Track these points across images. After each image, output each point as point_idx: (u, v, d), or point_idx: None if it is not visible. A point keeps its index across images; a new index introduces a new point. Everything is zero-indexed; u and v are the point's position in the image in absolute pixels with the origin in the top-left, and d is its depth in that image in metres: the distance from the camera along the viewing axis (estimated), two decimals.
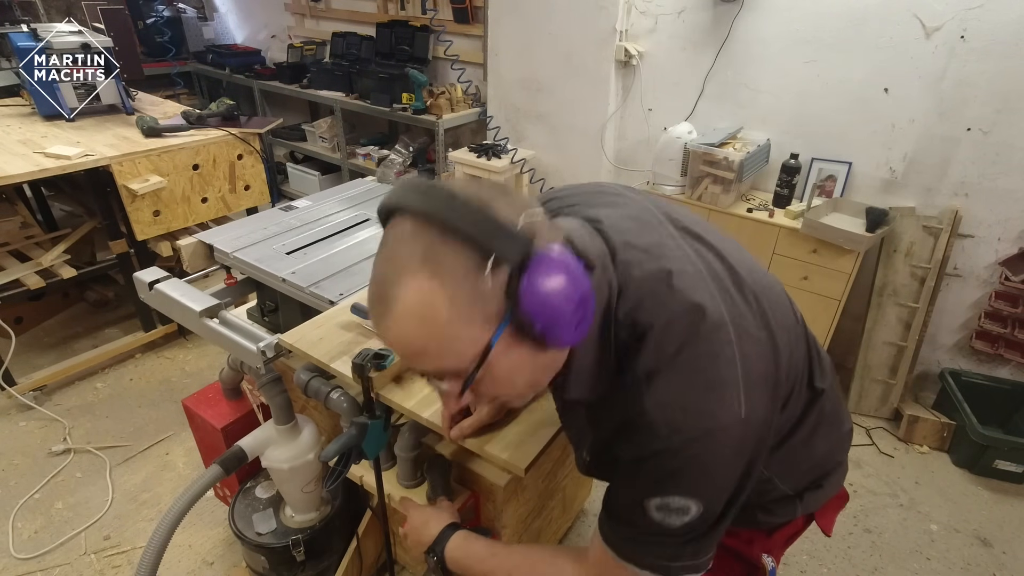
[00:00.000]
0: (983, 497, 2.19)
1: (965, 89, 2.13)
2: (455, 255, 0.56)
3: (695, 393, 0.62)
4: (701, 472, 0.64)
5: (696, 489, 0.64)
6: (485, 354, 0.59)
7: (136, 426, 2.35)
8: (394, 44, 3.72)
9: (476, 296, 0.57)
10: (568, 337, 0.60)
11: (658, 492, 0.65)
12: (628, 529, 0.70)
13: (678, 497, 0.64)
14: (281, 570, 1.55)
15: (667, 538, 0.68)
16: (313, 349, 1.18)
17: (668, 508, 0.65)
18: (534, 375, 0.67)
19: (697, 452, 0.62)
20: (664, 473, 0.65)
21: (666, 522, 0.66)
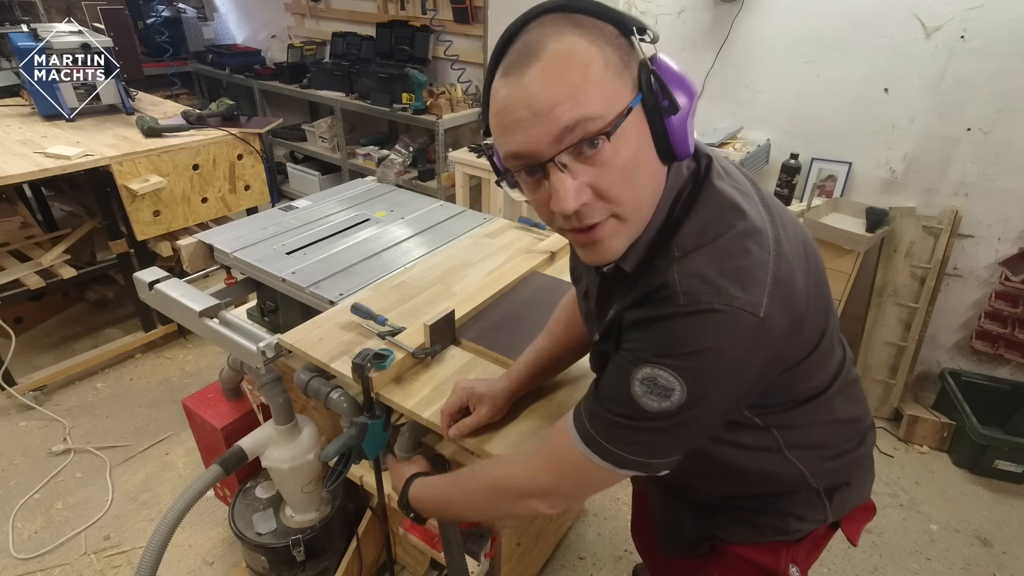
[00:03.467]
0: (983, 497, 2.19)
1: (965, 89, 2.13)
2: (602, 27, 0.60)
3: (722, 273, 0.62)
4: (700, 351, 0.61)
5: (687, 369, 0.62)
6: (626, 113, 0.60)
7: (136, 426, 2.35)
8: (394, 44, 3.72)
9: (622, 57, 0.60)
10: (683, 139, 0.63)
11: (650, 360, 0.63)
12: (599, 408, 0.70)
13: (667, 373, 0.62)
14: (281, 570, 1.55)
15: (634, 422, 0.67)
16: (313, 349, 1.18)
17: (652, 383, 0.63)
18: (647, 176, 0.65)
19: (705, 326, 0.61)
20: (664, 340, 0.63)
21: (643, 401, 0.64)
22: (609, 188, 0.62)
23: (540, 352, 1.07)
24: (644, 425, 0.66)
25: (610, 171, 0.61)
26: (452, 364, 1.17)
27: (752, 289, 0.61)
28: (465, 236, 1.70)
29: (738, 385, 0.66)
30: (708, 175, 0.70)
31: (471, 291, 1.36)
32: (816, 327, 0.72)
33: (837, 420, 0.86)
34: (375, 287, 1.42)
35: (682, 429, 0.67)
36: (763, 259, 0.63)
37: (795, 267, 0.67)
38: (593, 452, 0.71)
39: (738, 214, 0.66)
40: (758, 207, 0.69)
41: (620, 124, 0.59)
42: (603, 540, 1.97)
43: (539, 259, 1.51)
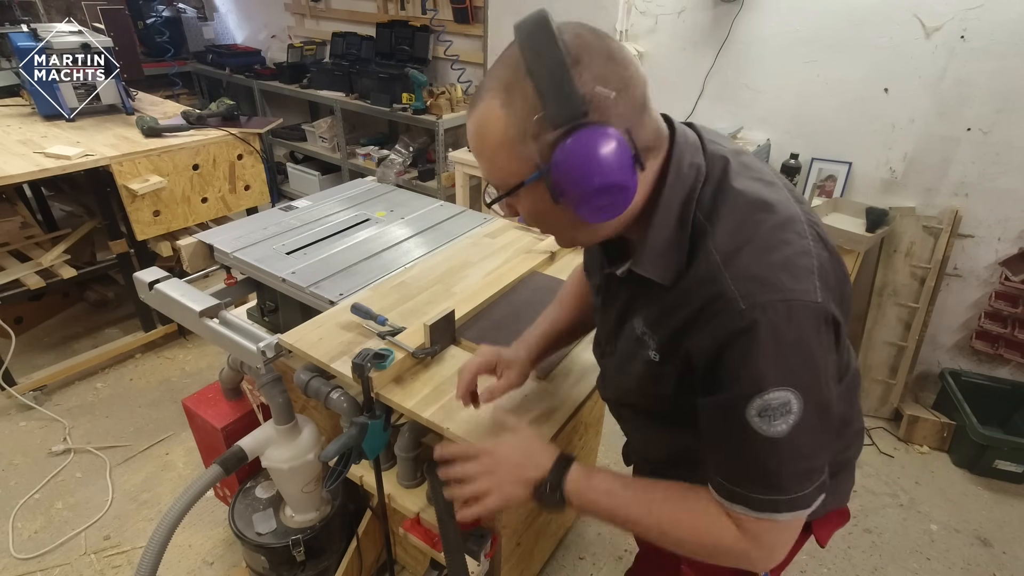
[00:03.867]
0: (983, 497, 2.19)
1: (965, 89, 2.13)
2: (524, 95, 0.63)
3: (771, 268, 0.63)
4: (787, 350, 0.62)
5: (788, 373, 0.62)
6: (517, 187, 0.67)
7: (136, 426, 2.35)
8: (394, 44, 3.72)
9: (524, 137, 0.64)
10: (588, 215, 0.65)
11: (752, 390, 0.63)
12: (745, 468, 0.67)
13: (773, 391, 0.62)
14: (281, 570, 1.54)
15: (780, 457, 0.64)
16: (313, 349, 1.18)
17: (768, 408, 0.62)
18: (566, 230, 0.73)
19: (776, 324, 0.61)
20: (750, 358, 0.62)
21: (772, 431, 0.63)
22: (526, 220, 0.74)
23: (554, 323, 1.08)
24: (792, 452, 0.64)
25: (521, 211, 0.72)
26: (452, 364, 1.17)
27: (802, 277, 0.63)
28: (465, 236, 1.70)
29: (831, 366, 0.66)
30: (725, 177, 0.70)
31: (471, 291, 1.36)
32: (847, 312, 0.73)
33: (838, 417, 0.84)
34: (375, 287, 1.42)
35: (821, 434, 0.66)
36: (804, 246, 0.65)
37: (836, 250, 0.70)
38: (783, 513, 0.67)
39: (766, 207, 0.67)
40: (786, 194, 0.70)
41: (510, 193, 0.68)
42: (603, 540, 1.97)
43: (539, 259, 1.51)
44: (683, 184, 0.69)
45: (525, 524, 1.48)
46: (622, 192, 0.64)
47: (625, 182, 0.63)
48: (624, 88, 0.63)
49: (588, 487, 0.78)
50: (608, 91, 0.62)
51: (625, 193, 0.64)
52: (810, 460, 0.66)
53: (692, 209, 0.69)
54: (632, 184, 0.64)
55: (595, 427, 1.83)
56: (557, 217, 0.69)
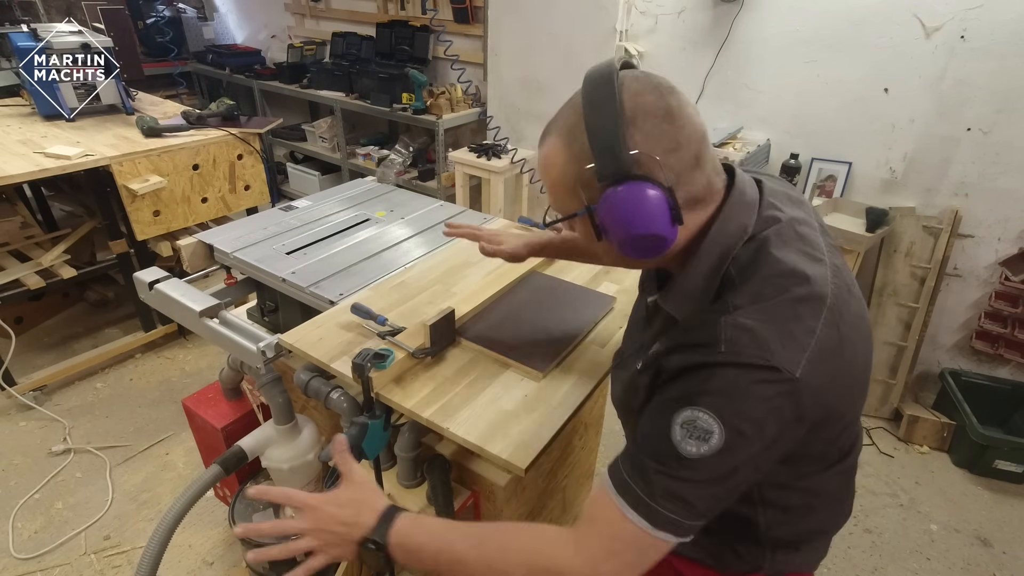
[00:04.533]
0: (983, 497, 2.19)
1: (965, 89, 2.13)
2: (581, 144, 0.70)
3: (767, 331, 0.65)
4: (738, 399, 0.64)
5: (727, 413, 0.64)
6: (570, 216, 0.76)
7: (136, 426, 2.35)
8: (394, 44, 3.72)
9: (577, 179, 0.72)
10: (629, 253, 0.72)
11: (690, 403, 0.65)
12: (638, 458, 0.69)
13: (706, 415, 0.64)
14: (281, 570, 1.54)
15: (673, 470, 0.66)
16: (313, 349, 1.18)
17: (692, 426, 0.64)
18: (613, 257, 0.80)
19: (743, 378, 0.64)
20: (705, 386, 0.65)
21: (682, 446, 0.65)
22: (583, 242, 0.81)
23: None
24: (682, 475, 0.65)
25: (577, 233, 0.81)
26: (452, 364, 1.17)
27: (792, 351, 0.64)
28: None
29: (771, 440, 0.66)
30: (769, 242, 0.72)
31: (471, 291, 1.36)
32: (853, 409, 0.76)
33: (825, 496, 0.86)
34: (375, 287, 1.42)
35: (718, 482, 0.66)
36: (811, 326, 0.66)
37: (849, 344, 0.69)
38: (630, 508, 0.67)
39: (798, 280, 0.68)
40: (827, 275, 0.71)
41: (563, 220, 0.78)
42: None
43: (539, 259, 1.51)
44: (725, 240, 0.73)
45: None
46: (659, 241, 0.69)
47: (661, 233, 0.68)
48: (675, 148, 0.68)
49: (411, 534, 0.74)
50: (657, 152, 0.67)
51: (662, 242, 0.70)
52: (689, 499, 0.66)
53: (726, 264, 0.72)
54: (669, 235, 0.69)
55: (595, 427, 1.83)
56: (605, 247, 0.76)
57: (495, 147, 3.18)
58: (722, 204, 0.74)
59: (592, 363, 1.19)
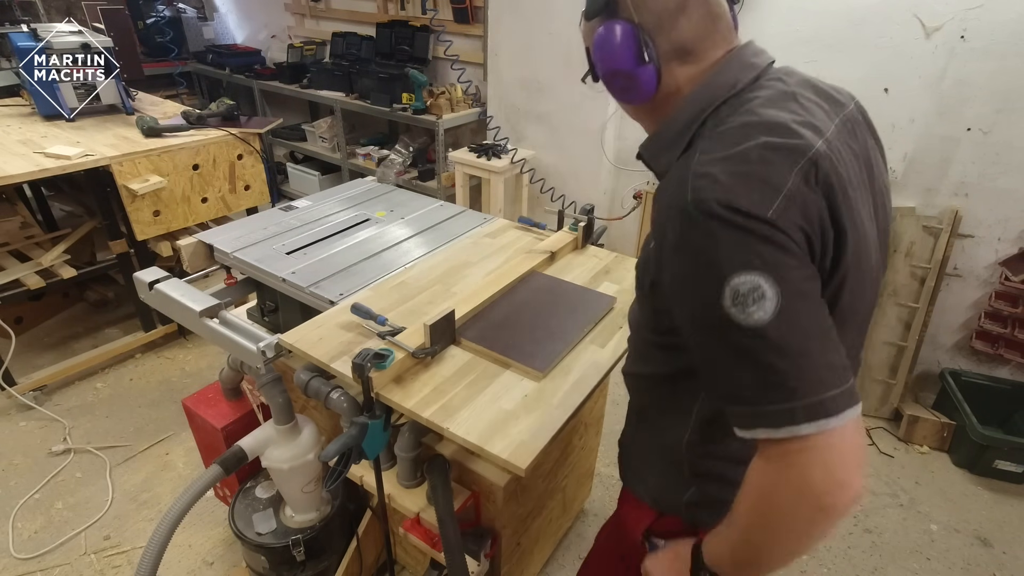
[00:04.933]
0: (983, 497, 2.19)
1: (965, 89, 2.13)
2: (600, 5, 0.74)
3: (734, 177, 0.61)
4: (739, 237, 0.59)
5: (748, 257, 0.59)
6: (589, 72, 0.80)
7: (136, 426, 2.35)
8: (394, 44, 3.72)
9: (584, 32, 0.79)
10: (615, 95, 0.77)
11: (716, 280, 0.60)
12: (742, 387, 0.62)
13: (737, 275, 0.59)
14: (281, 570, 1.54)
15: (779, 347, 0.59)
16: (313, 349, 1.18)
17: (738, 295, 0.59)
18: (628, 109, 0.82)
19: (724, 219, 0.60)
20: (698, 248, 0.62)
21: (751, 320, 0.59)
22: None
23: None
24: (786, 340, 0.59)
25: None
26: (452, 364, 1.17)
27: (763, 195, 0.60)
28: (465, 236, 1.70)
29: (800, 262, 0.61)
30: (756, 102, 0.69)
31: (471, 291, 1.36)
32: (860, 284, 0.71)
33: None
34: (375, 287, 1.42)
35: (811, 323, 0.61)
36: (783, 173, 0.62)
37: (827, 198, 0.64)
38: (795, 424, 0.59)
39: (774, 130, 0.64)
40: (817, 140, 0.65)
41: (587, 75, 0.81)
42: None
43: (539, 259, 1.51)
44: (709, 92, 0.73)
45: (525, 524, 1.48)
46: (631, 79, 0.73)
47: (627, 69, 0.72)
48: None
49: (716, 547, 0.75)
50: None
51: (634, 80, 0.73)
52: (813, 357, 0.59)
53: (704, 116, 0.72)
54: (638, 73, 0.72)
55: (595, 427, 1.83)
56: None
57: (495, 147, 3.18)
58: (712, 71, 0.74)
59: (592, 363, 1.19)
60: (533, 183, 3.33)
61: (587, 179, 3.13)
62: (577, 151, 3.11)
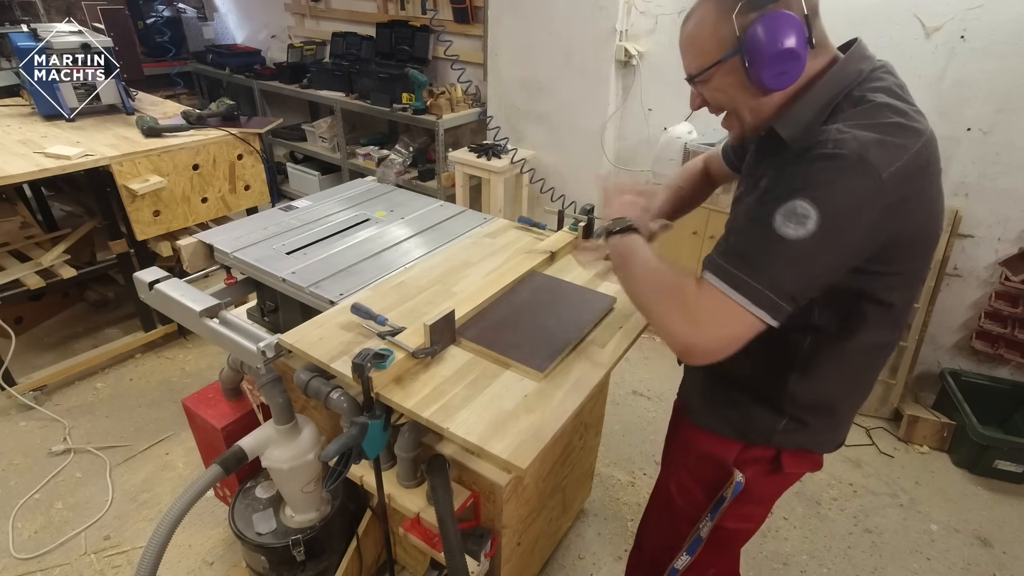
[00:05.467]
0: (983, 497, 2.19)
1: (965, 89, 2.13)
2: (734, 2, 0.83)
3: (868, 138, 0.76)
4: (832, 186, 0.75)
5: (822, 199, 0.74)
6: (714, 64, 0.87)
7: (136, 426, 2.35)
8: (394, 44, 3.72)
9: (727, 25, 0.84)
10: (770, 80, 0.83)
11: (791, 196, 0.76)
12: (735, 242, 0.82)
13: (805, 201, 0.75)
14: (281, 570, 1.54)
15: (769, 248, 0.77)
16: (313, 349, 1.18)
17: (792, 212, 0.75)
18: (741, 108, 0.91)
19: (844, 169, 0.74)
20: (808, 176, 0.76)
21: (783, 230, 0.76)
22: (710, 104, 0.94)
23: (679, 191, 1.30)
24: (780, 254, 0.77)
25: (707, 94, 0.93)
26: (452, 364, 1.17)
27: (886, 155, 0.75)
28: (465, 236, 1.70)
29: (858, 230, 0.77)
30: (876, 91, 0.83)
31: (471, 291, 1.36)
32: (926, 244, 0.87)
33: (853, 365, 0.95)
34: (375, 287, 1.42)
35: (808, 262, 0.77)
36: (906, 144, 0.77)
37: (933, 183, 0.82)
38: (732, 288, 0.79)
39: (902, 114, 0.80)
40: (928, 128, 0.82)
41: (703, 74, 0.90)
42: (603, 540, 1.97)
43: (539, 259, 1.51)
44: (842, 78, 0.85)
45: (525, 524, 1.48)
46: (796, 61, 0.81)
47: (801, 52, 0.81)
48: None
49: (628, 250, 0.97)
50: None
51: (798, 63, 0.82)
52: (787, 278, 0.77)
53: (839, 99, 0.84)
54: (804, 56, 0.81)
55: (595, 427, 1.83)
56: (738, 92, 0.89)
57: (495, 147, 3.18)
58: (832, 61, 0.87)
59: (592, 363, 1.19)
60: (533, 183, 3.33)
61: (587, 179, 3.13)
62: (577, 151, 3.11)
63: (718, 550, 1.15)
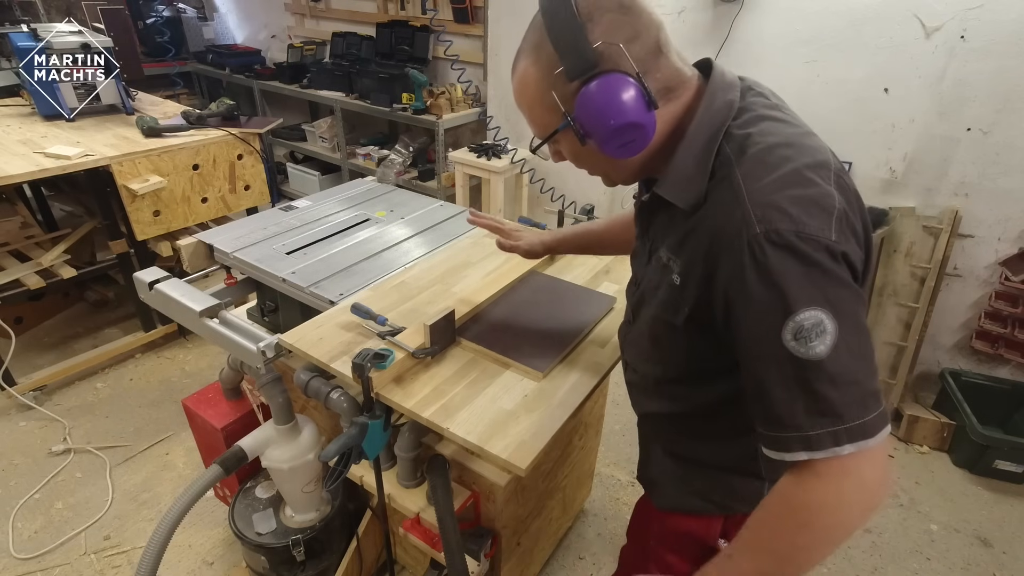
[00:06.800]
0: (983, 497, 2.19)
1: (965, 89, 2.13)
2: (548, 53, 0.73)
3: (791, 201, 0.64)
4: (811, 271, 0.62)
5: (815, 293, 0.62)
6: (552, 135, 0.78)
7: (136, 426, 2.35)
8: (394, 44, 3.72)
9: (551, 90, 0.74)
10: (613, 152, 0.73)
11: (783, 313, 0.63)
12: (794, 408, 0.64)
13: (804, 311, 0.62)
14: (281, 570, 1.55)
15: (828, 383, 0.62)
16: (313, 349, 1.18)
17: (802, 330, 0.62)
18: (602, 168, 0.83)
19: (796, 249, 0.62)
20: (775, 282, 0.63)
21: (812, 353, 0.62)
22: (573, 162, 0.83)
23: (589, 229, 1.25)
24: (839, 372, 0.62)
25: (564, 154, 0.83)
26: (452, 364, 1.17)
27: (820, 217, 0.64)
28: (465, 236, 1.70)
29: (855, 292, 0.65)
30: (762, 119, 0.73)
31: (471, 291, 1.36)
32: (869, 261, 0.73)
33: None
34: (375, 287, 1.42)
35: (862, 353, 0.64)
36: (828, 191, 0.66)
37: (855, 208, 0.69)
38: (841, 444, 0.62)
39: (798, 149, 0.69)
40: (822, 143, 0.72)
41: (547, 141, 0.80)
42: (603, 540, 1.97)
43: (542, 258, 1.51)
44: (713, 118, 0.74)
45: (525, 524, 1.48)
46: (639, 130, 0.71)
47: (639, 120, 0.70)
48: (635, 37, 0.70)
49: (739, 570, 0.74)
50: (618, 42, 0.69)
51: (642, 130, 0.71)
52: (860, 384, 0.63)
53: (718, 141, 0.72)
54: (647, 121, 0.71)
55: (595, 427, 1.83)
56: (592, 157, 0.80)
57: (495, 147, 3.18)
58: (698, 94, 0.76)
59: (592, 363, 1.19)
60: (533, 183, 3.33)
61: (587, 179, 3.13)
62: None
63: None
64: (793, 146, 0.69)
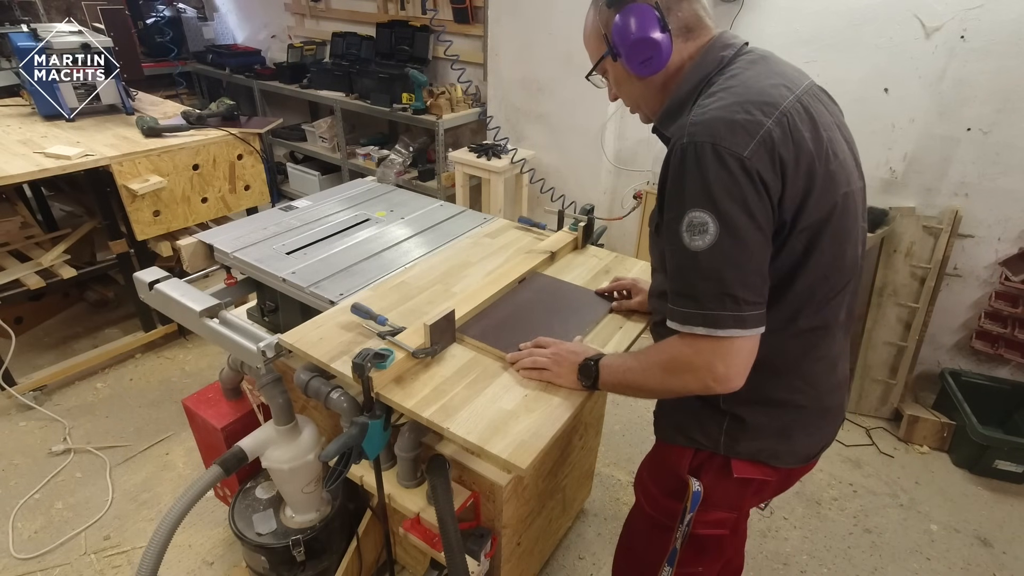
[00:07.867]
0: (983, 497, 2.19)
1: (965, 89, 2.13)
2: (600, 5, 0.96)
3: (716, 122, 0.79)
4: (710, 179, 0.78)
5: (707, 198, 0.78)
6: (599, 61, 1.01)
7: (136, 426, 2.35)
8: (394, 44, 3.72)
9: (600, 22, 0.97)
10: (635, 67, 0.93)
11: (682, 208, 0.80)
12: (676, 286, 0.85)
13: (696, 210, 0.79)
14: (281, 570, 1.54)
15: (700, 272, 0.80)
16: (313, 349, 1.18)
17: (692, 225, 0.80)
18: (633, 96, 1.02)
19: (703, 159, 0.78)
20: (685, 189, 0.80)
21: (694, 245, 0.80)
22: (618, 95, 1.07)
23: None
24: (707, 267, 0.80)
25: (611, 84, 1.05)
26: (452, 364, 1.17)
27: (740, 136, 0.78)
28: (465, 236, 1.70)
29: (754, 209, 0.79)
30: (735, 70, 0.88)
31: (471, 291, 1.36)
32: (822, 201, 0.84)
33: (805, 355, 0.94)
34: (375, 287, 1.42)
35: (733, 259, 0.79)
36: (760, 120, 0.80)
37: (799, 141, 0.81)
38: (693, 325, 0.83)
39: (754, 90, 0.83)
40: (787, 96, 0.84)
41: (595, 68, 1.03)
42: (603, 540, 1.97)
43: (539, 259, 1.51)
44: (702, 68, 0.91)
45: (525, 524, 1.48)
46: (654, 47, 0.89)
47: (657, 38, 0.89)
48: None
49: (613, 366, 1.02)
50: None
51: (657, 48, 0.89)
52: (723, 283, 0.80)
53: (701, 86, 0.90)
54: (662, 41, 0.89)
55: (595, 427, 1.83)
56: (628, 85, 1.00)
57: (495, 147, 3.18)
58: (704, 47, 0.93)
59: None
60: (533, 183, 3.33)
61: (587, 179, 3.13)
62: (577, 151, 3.11)
63: (700, 557, 1.13)
64: (748, 87, 0.84)
